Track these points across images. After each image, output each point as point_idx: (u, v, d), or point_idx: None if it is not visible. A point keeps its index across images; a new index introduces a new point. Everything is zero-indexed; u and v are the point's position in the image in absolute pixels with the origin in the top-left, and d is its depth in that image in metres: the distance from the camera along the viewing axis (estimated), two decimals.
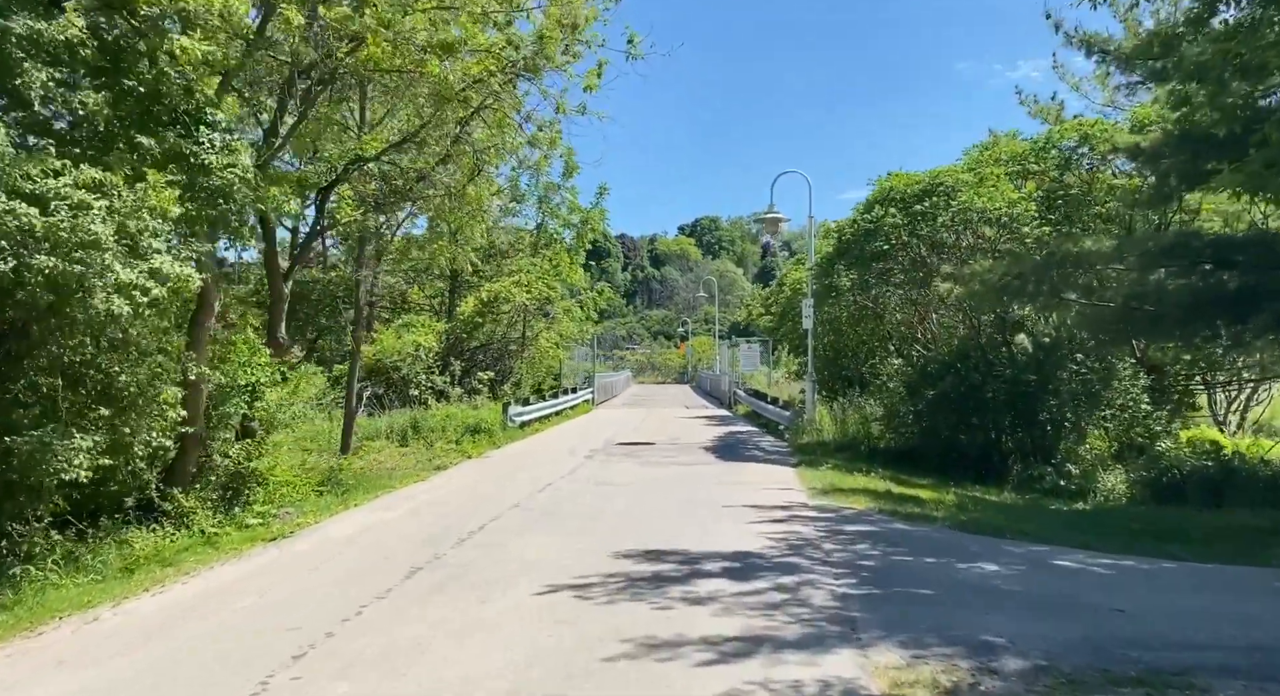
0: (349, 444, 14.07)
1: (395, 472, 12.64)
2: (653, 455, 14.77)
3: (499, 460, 14.17)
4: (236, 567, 6.98)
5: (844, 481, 11.79)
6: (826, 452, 15.18)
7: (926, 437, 14.50)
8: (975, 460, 14.02)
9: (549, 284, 22.42)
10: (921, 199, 14.43)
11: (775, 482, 11.65)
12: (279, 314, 11.18)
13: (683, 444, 16.73)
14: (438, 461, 13.70)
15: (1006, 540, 8.04)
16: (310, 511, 9.41)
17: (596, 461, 13.86)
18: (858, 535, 7.96)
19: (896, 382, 14.87)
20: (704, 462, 13.87)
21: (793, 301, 22.02)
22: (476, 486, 11.28)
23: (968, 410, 14.10)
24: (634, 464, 13.51)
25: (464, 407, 19.19)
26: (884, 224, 14.59)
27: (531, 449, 15.72)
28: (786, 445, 16.55)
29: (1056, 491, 12.48)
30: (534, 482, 11.40)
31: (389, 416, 18.24)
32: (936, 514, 9.49)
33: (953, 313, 16.65)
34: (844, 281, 15.78)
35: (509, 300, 21.15)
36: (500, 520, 8.80)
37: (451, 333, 21.38)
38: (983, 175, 13.76)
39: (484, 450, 15.30)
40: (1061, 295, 10.64)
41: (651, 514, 9.09)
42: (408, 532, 8.25)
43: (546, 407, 20.71)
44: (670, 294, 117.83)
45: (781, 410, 19.23)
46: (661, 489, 10.92)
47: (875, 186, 15.88)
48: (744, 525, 8.41)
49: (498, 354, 23.00)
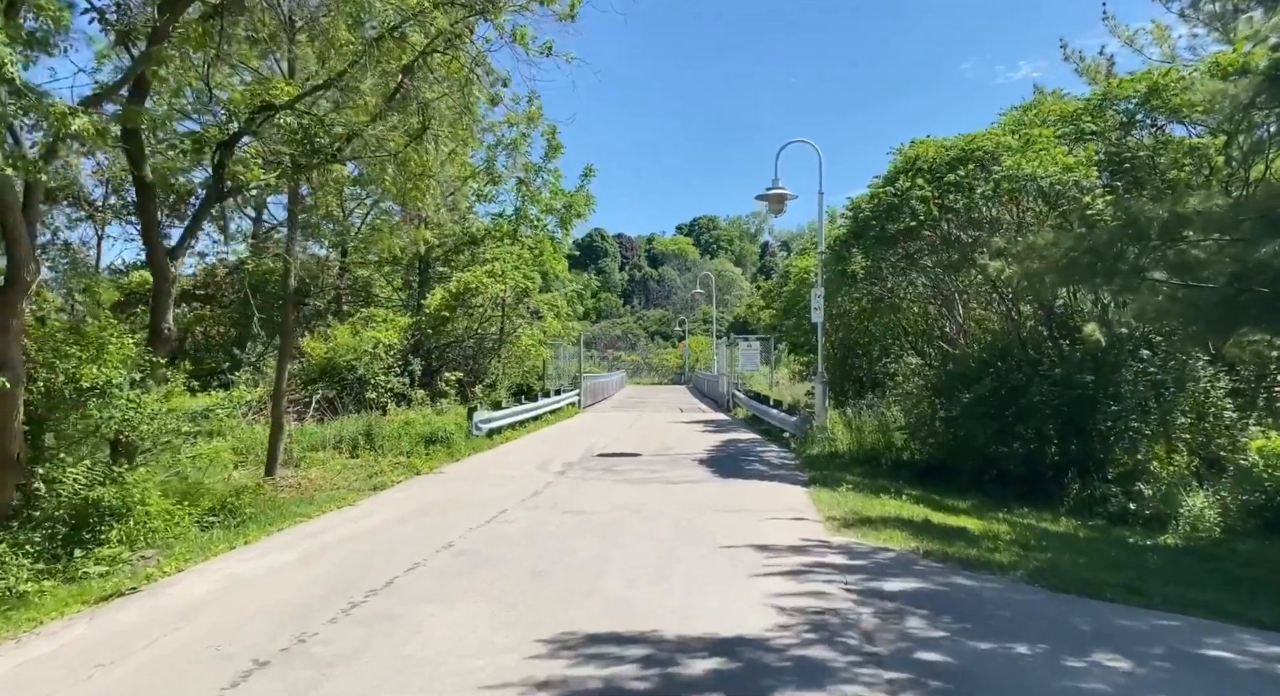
0: (275, 459, 11.83)
1: (322, 494, 10.38)
2: (637, 470, 12.51)
3: (452, 478, 11.89)
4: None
5: (869, 506, 9.53)
6: (841, 467, 12.93)
7: (960, 449, 12.25)
8: (1020, 476, 11.79)
9: (527, 274, 20.12)
10: (954, 167, 12.19)
11: (784, 508, 9.40)
12: (163, 300, 8.92)
13: (674, 455, 14.47)
14: (379, 479, 11.45)
15: (1112, 604, 5.79)
16: (180, 554, 7.15)
17: (568, 480, 11.59)
18: (906, 599, 5.70)
19: (921, 384, 12.64)
20: (697, 480, 11.60)
21: (798, 294, 19.81)
22: (410, 516, 9.01)
23: (1010, 417, 11.86)
24: (613, 483, 11.24)
25: (427, 413, 16.94)
26: (910, 197, 12.34)
27: (495, 462, 13.45)
28: (794, 457, 14.30)
29: (1125, 517, 10.24)
30: (483, 511, 9.13)
31: (341, 423, 15.96)
32: (999, 556, 7.23)
33: (985, 302, 14.41)
34: (859, 266, 13.53)
35: (481, 292, 18.86)
36: (418, 571, 6.54)
37: (416, 328, 19.09)
38: (1029, 138, 11.53)
39: (439, 464, 13.03)
40: (1145, 274, 8.38)
41: (622, 563, 6.82)
42: (283, 594, 5.98)
43: (522, 412, 18.43)
44: (668, 294, 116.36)
45: (786, 415, 16.98)
46: (642, 520, 8.65)
47: (897, 156, 13.64)
48: (745, 581, 6.16)
49: (471, 352, 20.72)
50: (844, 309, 19.39)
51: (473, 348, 20.78)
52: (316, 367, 17.71)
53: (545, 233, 21.29)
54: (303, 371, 17.80)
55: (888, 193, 12.88)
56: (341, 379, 17.63)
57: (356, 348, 17.90)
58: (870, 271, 14.36)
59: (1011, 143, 11.68)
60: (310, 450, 14.20)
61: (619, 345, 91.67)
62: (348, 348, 17.79)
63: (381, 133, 10.35)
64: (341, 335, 18.06)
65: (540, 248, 21.43)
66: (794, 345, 23.94)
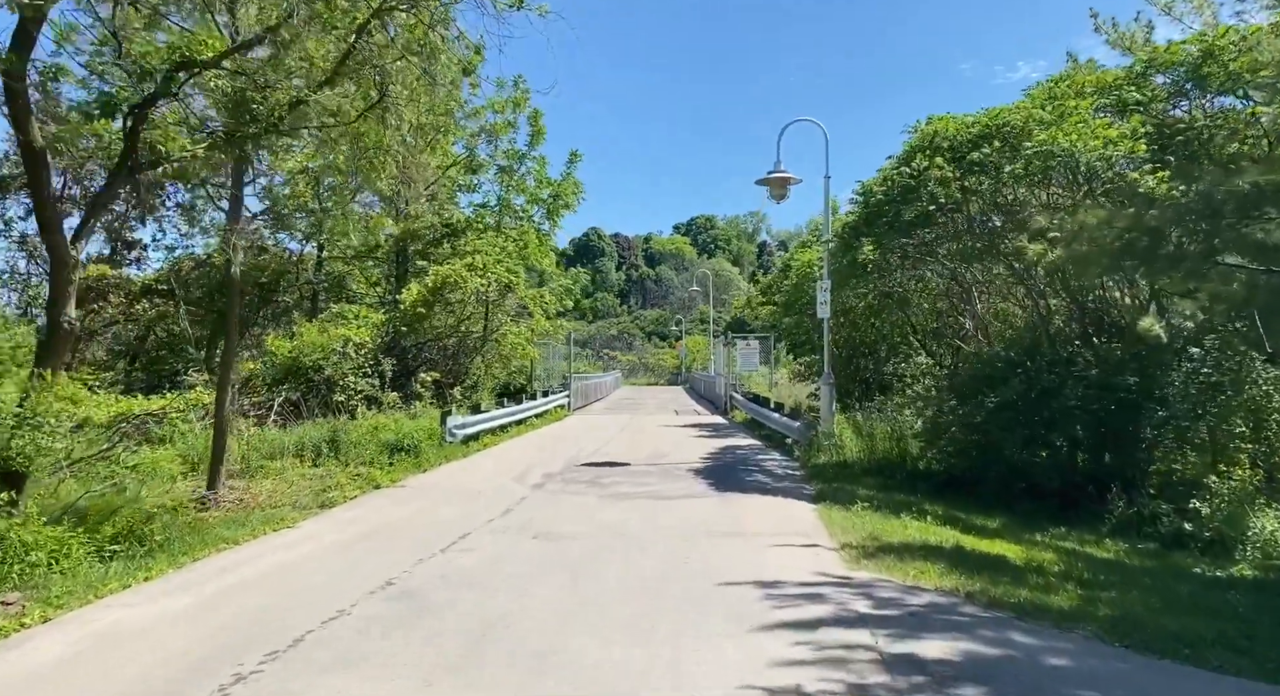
0: (219, 471, 10.52)
1: (259, 514, 9.06)
2: (625, 483, 11.20)
3: (413, 492, 10.57)
4: None
5: (890, 529, 8.24)
6: (852, 478, 11.64)
7: (985, 459, 10.97)
8: (1053, 490, 10.52)
9: (510, 267, 18.76)
10: (978, 144, 10.90)
11: (792, 531, 8.10)
12: (60, 290, 7.58)
13: (666, 464, 13.16)
14: (330, 495, 10.12)
15: (1220, 674, 4.50)
16: (56, 598, 5.83)
17: (545, 494, 10.28)
18: (955, 672, 4.39)
19: (937, 387, 11.37)
20: (691, 494, 10.30)
21: (800, 289, 18.52)
22: (352, 543, 7.68)
23: (1041, 423, 10.60)
24: (596, 499, 9.93)
25: (400, 416, 15.60)
26: (928, 179, 11.05)
27: (467, 473, 12.13)
28: (798, 466, 13.00)
29: (1180, 539, 8.96)
30: (439, 536, 7.82)
31: (306, 428, 14.61)
32: (1056, 599, 5.93)
33: (1005, 295, 13.13)
34: (869, 257, 12.22)
35: (460, 286, 17.51)
36: (338, 623, 5.22)
37: (390, 325, 17.74)
38: (1063, 110, 10.24)
39: (403, 476, 11.71)
40: (1218, 258, 7.09)
41: (598, 613, 5.51)
42: (157, 657, 4.66)
43: (504, 416, 17.09)
44: (665, 293, 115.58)
45: (789, 420, 15.68)
46: (625, 548, 7.34)
47: (912, 135, 12.35)
48: (747, 640, 4.85)
49: (452, 352, 19.38)
50: (850, 305, 18.12)
51: (453, 347, 19.43)
52: (281, 368, 16.36)
53: (530, 224, 19.96)
54: (266, 372, 16.45)
55: (903, 174, 11.59)
56: (308, 380, 16.28)
57: (324, 346, 16.57)
58: (879, 263, 13.06)
59: (1044, 115, 10.38)
60: (269, 458, 12.90)
61: (615, 345, 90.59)
62: (315, 346, 16.45)
63: (328, 98, 9.03)
64: (308, 333, 16.72)
65: (525, 240, 20.08)
66: (794, 344, 22.65)
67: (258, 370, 16.32)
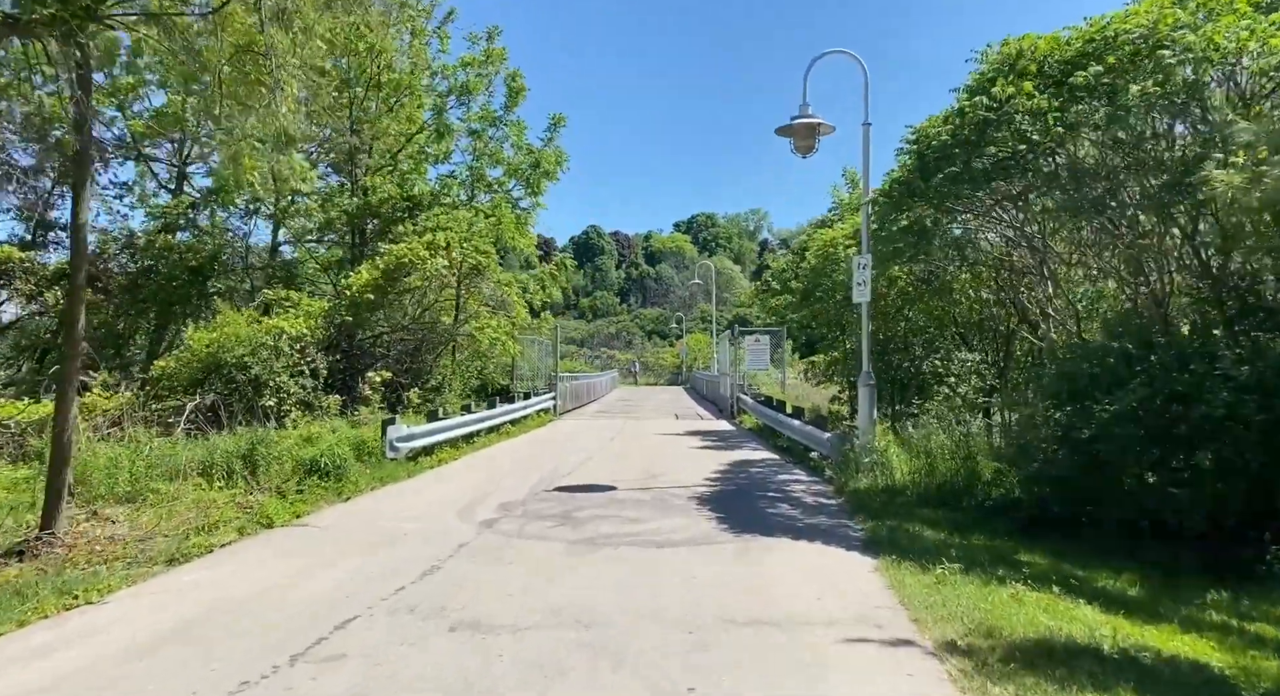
0: (57, 506, 7.73)
1: (76, 574, 6.22)
2: (606, 518, 8.33)
3: (310, 537, 7.69)
4: None
5: (999, 609, 5.38)
6: (906, 510, 8.81)
7: (1096, 490, 8.10)
8: (1196, 534, 7.65)
9: (480, 246, 15.87)
10: (1083, 62, 8.04)
11: (854, 613, 5.25)
12: None
13: (662, 487, 10.30)
14: (196, 541, 7.26)
15: None
16: None
17: (493, 540, 7.41)
18: None
19: (1036, 385, 8.57)
20: (696, 540, 7.43)
21: (822, 272, 15.65)
22: (160, 644, 4.82)
23: (1177, 441, 7.73)
24: (563, 550, 7.04)
25: (341, 425, 12.74)
26: (1014, 110, 8.21)
27: (400, 504, 9.26)
28: (832, 491, 10.16)
29: None
30: (304, 624, 4.96)
31: (222, 439, 11.74)
32: None
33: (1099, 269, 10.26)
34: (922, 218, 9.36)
35: (416, 266, 14.63)
36: None
37: (335, 314, 14.86)
38: (1211, 6, 7.42)
39: (312, 507, 8.85)
40: None
41: None
42: None
43: (470, 423, 14.20)
44: (665, 292, 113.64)
45: (814, 429, 12.81)
46: (592, 658, 4.48)
47: (982, 63, 9.50)
48: None
49: (413, 347, 16.50)
50: (881, 291, 15.29)
51: (415, 342, 16.56)
52: (199, 366, 13.50)
53: (503, 196, 17.08)
54: (181, 371, 13.60)
55: (977, 108, 8.72)
56: (230, 381, 13.43)
57: (252, 339, 13.72)
58: (934, 231, 10.21)
59: (1182, 16, 7.52)
60: (169, 478, 10.10)
61: (614, 344, 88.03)
62: (241, 340, 13.60)
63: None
64: (233, 323, 13.87)
65: (499, 215, 17.16)
66: (814, 339, 19.76)
67: (169, 368, 13.46)
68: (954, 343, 16.50)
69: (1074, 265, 10.12)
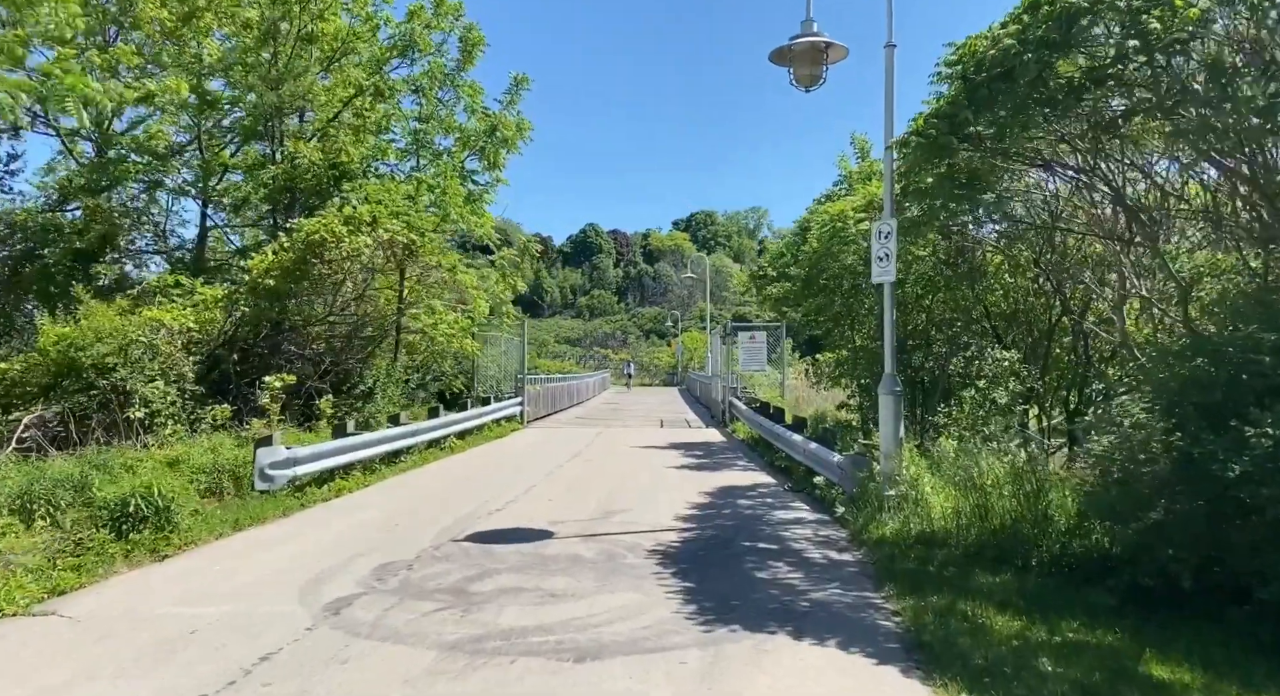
0: None
1: None
2: (515, 598, 5.60)
3: (36, 643, 4.97)
4: None
5: None
6: (956, 571, 6.12)
7: (1247, 548, 5.38)
8: None
9: (414, 222, 13.14)
10: None
11: None
12: None
13: (614, 537, 7.57)
14: None
15: None
16: None
17: (323, 648, 4.67)
18: None
19: (1150, 397, 5.89)
20: (640, 647, 4.70)
21: (828, 254, 12.97)
22: None
23: None
24: (429, 662, 4.31)
25: (225, 441, 10.00)
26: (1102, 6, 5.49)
27: (232, 567, 6.51)
28: (847, 538, 7.46)
29: None
30: None
31: (65, 461, 9.02)
32: None
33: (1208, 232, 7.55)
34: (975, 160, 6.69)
35: (333, 245, 11.93)
36: None
37: (233, 304, 12.13)
38: None
39: (94, 575, 6.12)
40: None
41: None
42: None
43: (388, 439, 11.40)
44: (664, 291, 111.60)
45: (820, 448, 10.09)
46: None
47: None
48: None
49: (339, 346, 13.79)
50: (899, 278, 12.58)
51: (344, 338, 13.85)
52: (49, 369, 10.81)
53: (449, 165, 14.36)
54: (28, 373, 10.93)
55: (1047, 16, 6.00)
56: (89, 386, 10.74)
57: (122, 334, 11.03)
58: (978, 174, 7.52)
59: None
60: None
61: (611, 343, 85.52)
62: (106, 334, 10.91)
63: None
64: (97, 314, 11.18)
65: (444, 186, 14.41)
66: (819, 335, 17.05)
67: (10, 372, 10.78)
68: (986, 337, 13.79)
69: (1175, 228, 7.40)
